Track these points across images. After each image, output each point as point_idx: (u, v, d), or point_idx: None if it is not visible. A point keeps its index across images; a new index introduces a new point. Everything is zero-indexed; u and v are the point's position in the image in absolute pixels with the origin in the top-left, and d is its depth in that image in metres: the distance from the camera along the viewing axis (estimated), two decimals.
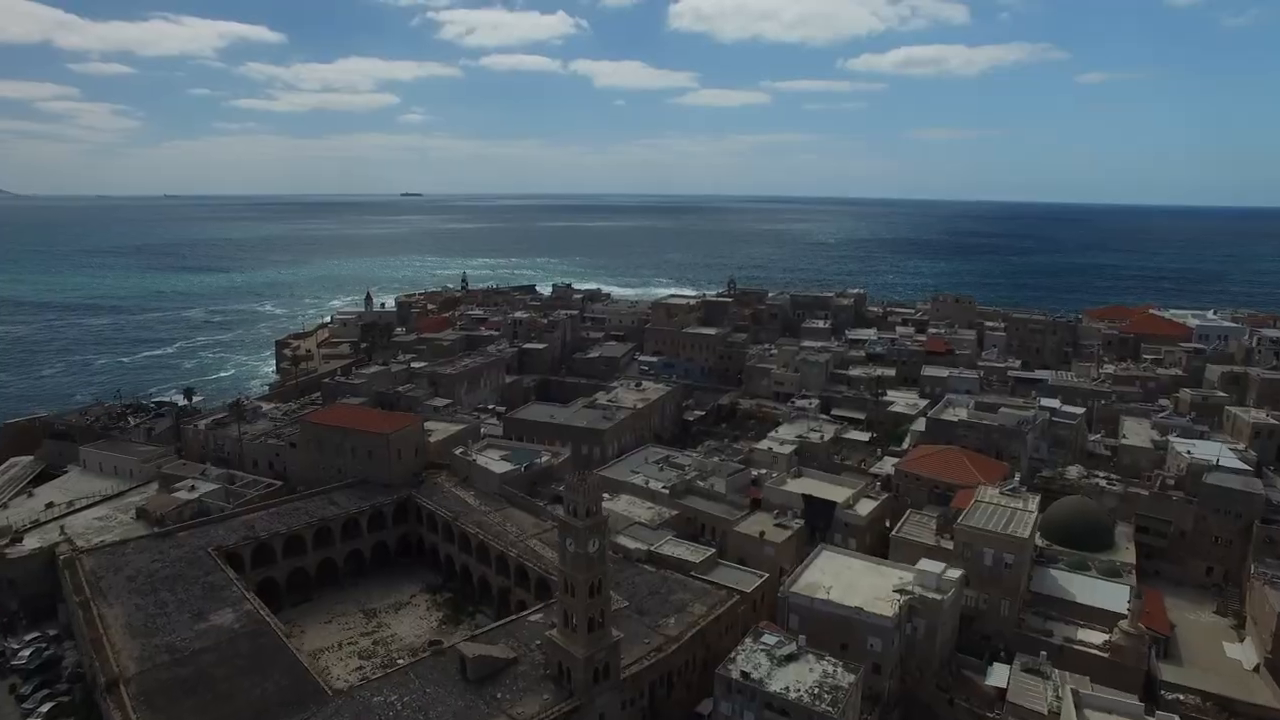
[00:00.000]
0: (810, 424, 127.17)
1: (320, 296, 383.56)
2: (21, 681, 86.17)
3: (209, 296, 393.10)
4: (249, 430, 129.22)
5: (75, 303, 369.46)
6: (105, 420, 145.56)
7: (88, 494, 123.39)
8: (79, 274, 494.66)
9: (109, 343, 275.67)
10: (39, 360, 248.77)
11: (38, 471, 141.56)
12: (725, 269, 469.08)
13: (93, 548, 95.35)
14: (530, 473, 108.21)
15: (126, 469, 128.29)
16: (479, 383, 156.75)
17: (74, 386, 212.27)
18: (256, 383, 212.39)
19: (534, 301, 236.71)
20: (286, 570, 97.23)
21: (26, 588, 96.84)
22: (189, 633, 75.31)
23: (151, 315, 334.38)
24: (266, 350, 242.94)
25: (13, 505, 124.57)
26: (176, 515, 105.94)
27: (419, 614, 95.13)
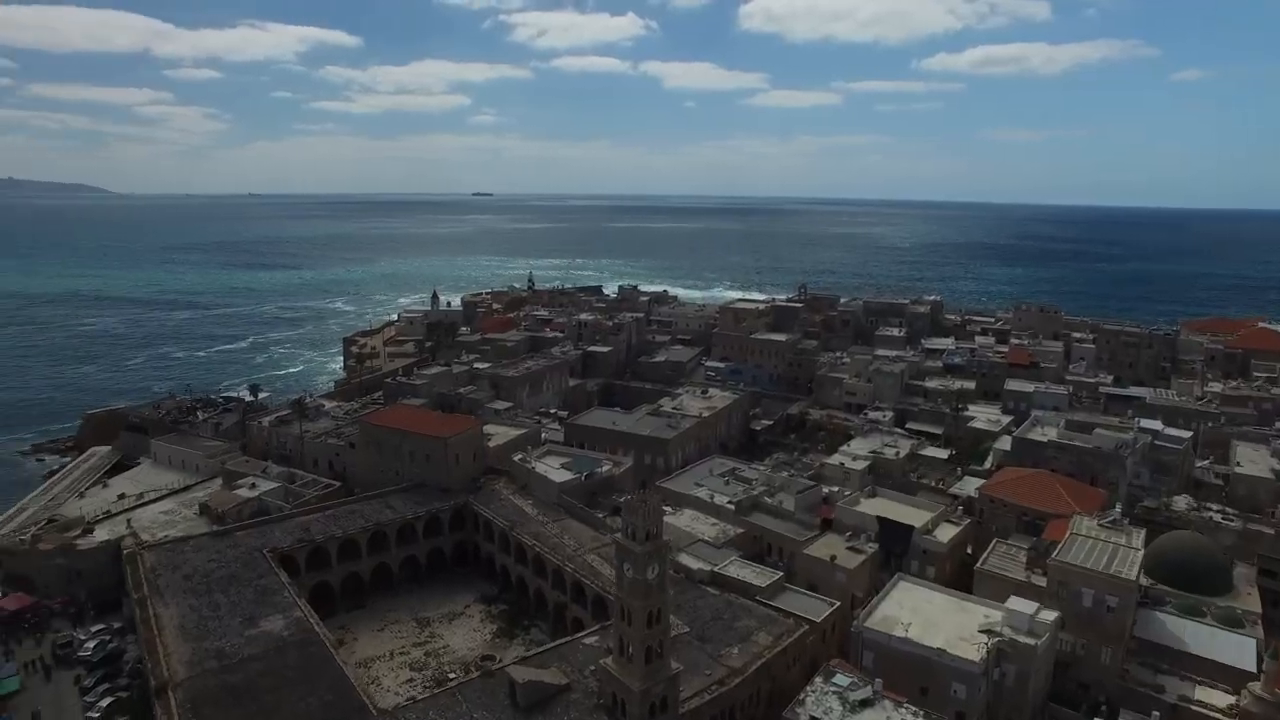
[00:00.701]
0: (884, 438, 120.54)
1: (389, 294, 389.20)
2: (86, 673, 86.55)
3: (282, 293, 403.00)
4: (310, 429, 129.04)
5: (158, 298, 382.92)
6: (176, 414, 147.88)
7: (156, 487, 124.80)
8: (163, 270, 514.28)
9: (187, 337, 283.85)
10: (124, 352, 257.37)
11: (114, 462, 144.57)
12: (794, 273, 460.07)
13: (155, 543, 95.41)
14: (590, 482, 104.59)
15: (193, 464, 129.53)
16: (541, 386, 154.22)
17: (153, 379, 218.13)
18: (324, 379, 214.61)
19: (599, 303, 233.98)
20: (341, 575, 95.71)
21: (94, 579, 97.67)
22: (239, 639, 73.78)
23: (227, 310, 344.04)
24: (335, 347, 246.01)
25: (89, 495, 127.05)
26: (236, 513, 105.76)
27: (472, 625, 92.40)
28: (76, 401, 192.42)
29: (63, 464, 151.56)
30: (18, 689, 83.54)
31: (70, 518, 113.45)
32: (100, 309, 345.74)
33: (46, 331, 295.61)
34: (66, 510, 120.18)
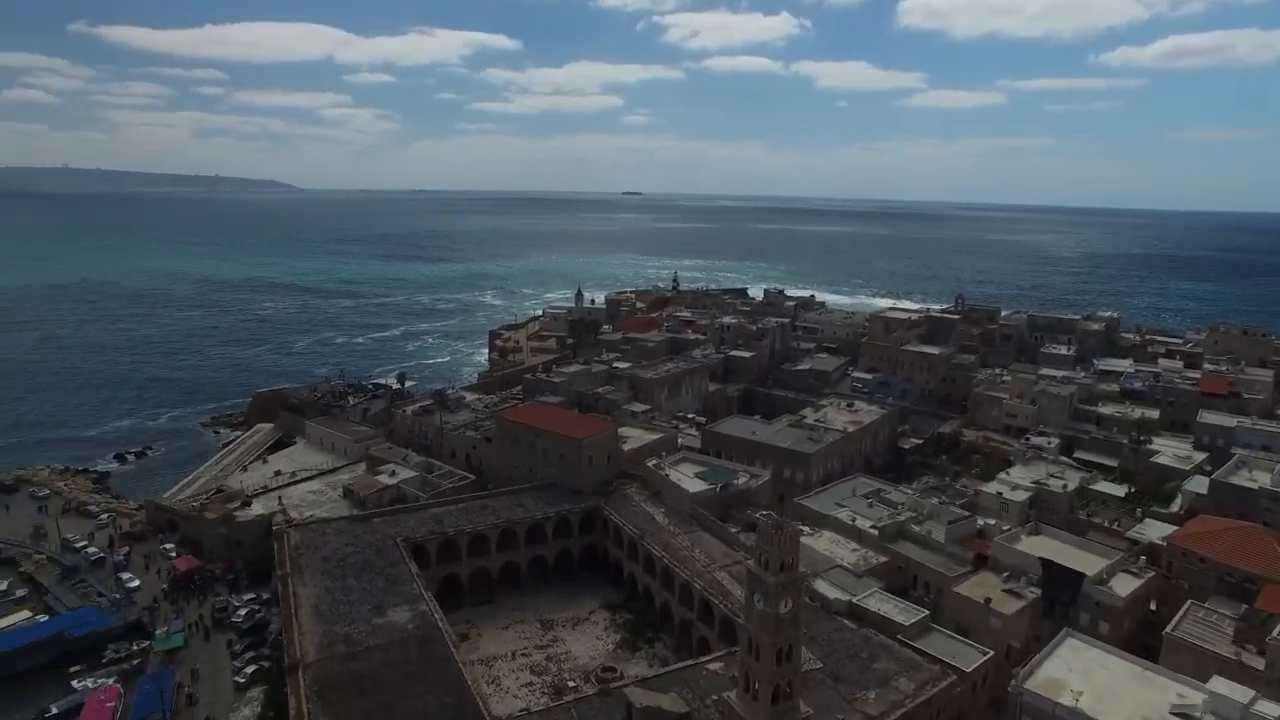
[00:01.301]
0: (1049, 468, 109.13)
1: (536, 289, 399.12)
2: (236, 638, 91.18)
3: (435, 285, 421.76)
4: (450, 420, 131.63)
5: (324, 286, 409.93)
6: (330, 398, 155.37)
7: (307, 467, 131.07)
8: (331, 260, 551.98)
9: (347, 324, 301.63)
10: (291, 336, 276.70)
11: (275, 440, 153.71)
12: (948, 282, 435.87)
13: (301, 522, 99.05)
14: (725, 494, 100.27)
15: (341, 447, 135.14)
16: (680, 389, 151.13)
17: (315, 362, 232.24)
18: (469, 371, 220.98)
19: (744, 306, 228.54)
20: (470, 569, 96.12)
21: (251, 550, 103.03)
22: (366, 626, 74.67)
23: (384, 300, 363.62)
24: (481, 339, 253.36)
25: (251, 469, 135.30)
26: (376, 499, 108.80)
27: (596, 633, 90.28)
28: (248, 380, 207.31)
29: (233, 437, 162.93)
30: (183, 645, 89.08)
31: (233, 490, 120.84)
32: (274, 295, 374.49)
33: (229, 314, 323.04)
34: (231, 482, 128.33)
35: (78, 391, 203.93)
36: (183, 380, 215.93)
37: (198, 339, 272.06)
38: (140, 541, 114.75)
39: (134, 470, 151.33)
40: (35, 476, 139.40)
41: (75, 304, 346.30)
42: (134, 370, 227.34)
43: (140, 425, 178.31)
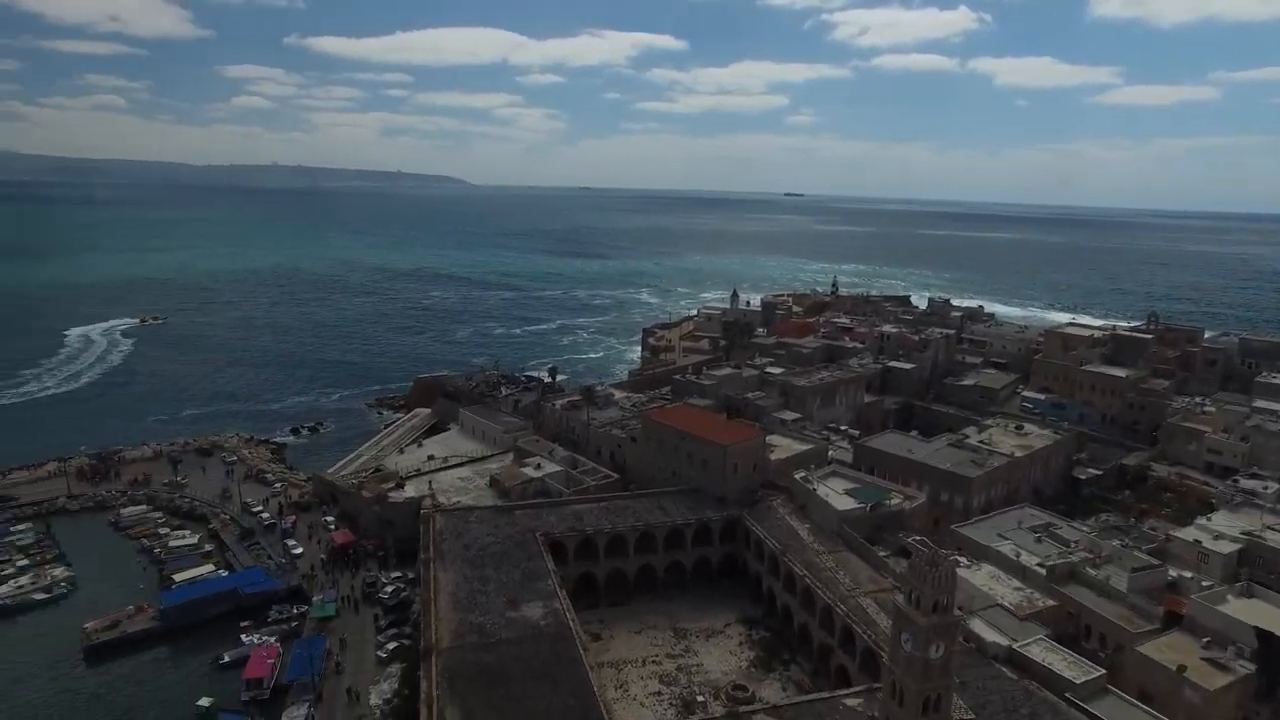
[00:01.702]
0: (1265, 518, 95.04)
1: (692, 289, 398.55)
2: (382, 614, 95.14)
3: (593, 280, 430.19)
4: (597, 417, 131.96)
5: (487, 278, 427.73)
6: (484, 387, 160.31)
7: (458, 454, 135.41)
8: (496, 253, 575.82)
9: (506, 316, 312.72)
10: (453, 325, 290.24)
11: (431, 425, 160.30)
12: (1138, 297, 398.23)
13: (447, 508, 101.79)
14: (876, 515, 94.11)
15: (492, 436, 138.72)
16: (834, 399, 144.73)
17: (473, 352, 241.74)
18: (620, 368, 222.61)
19: (906, 314, 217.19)
20: (607, 569, 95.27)
21: (401, 530, 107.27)
22: (499, 618, 75.03)
23: (543, 294, 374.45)
24: (634, 337, 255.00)
25: (407, 452, 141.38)
26: (520, 491, 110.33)
27: (730, 648, 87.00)
28: (411, 366, 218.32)
29: (394, 420, 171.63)
30: (334, 615, 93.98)
31: (389, 471, 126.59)
32: (440, 285, 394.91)
33: (398, 302, 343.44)
34: (388, 463, 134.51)
35: (265, 368, 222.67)
36: (353, 363, 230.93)
37: (369, 325, 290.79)
38: (306, 512, 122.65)
39: (306, 444, 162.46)
40: (226, 443, 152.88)
41: (268, 287, 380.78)
42: (312, 351, 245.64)
43: (315, 402, 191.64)
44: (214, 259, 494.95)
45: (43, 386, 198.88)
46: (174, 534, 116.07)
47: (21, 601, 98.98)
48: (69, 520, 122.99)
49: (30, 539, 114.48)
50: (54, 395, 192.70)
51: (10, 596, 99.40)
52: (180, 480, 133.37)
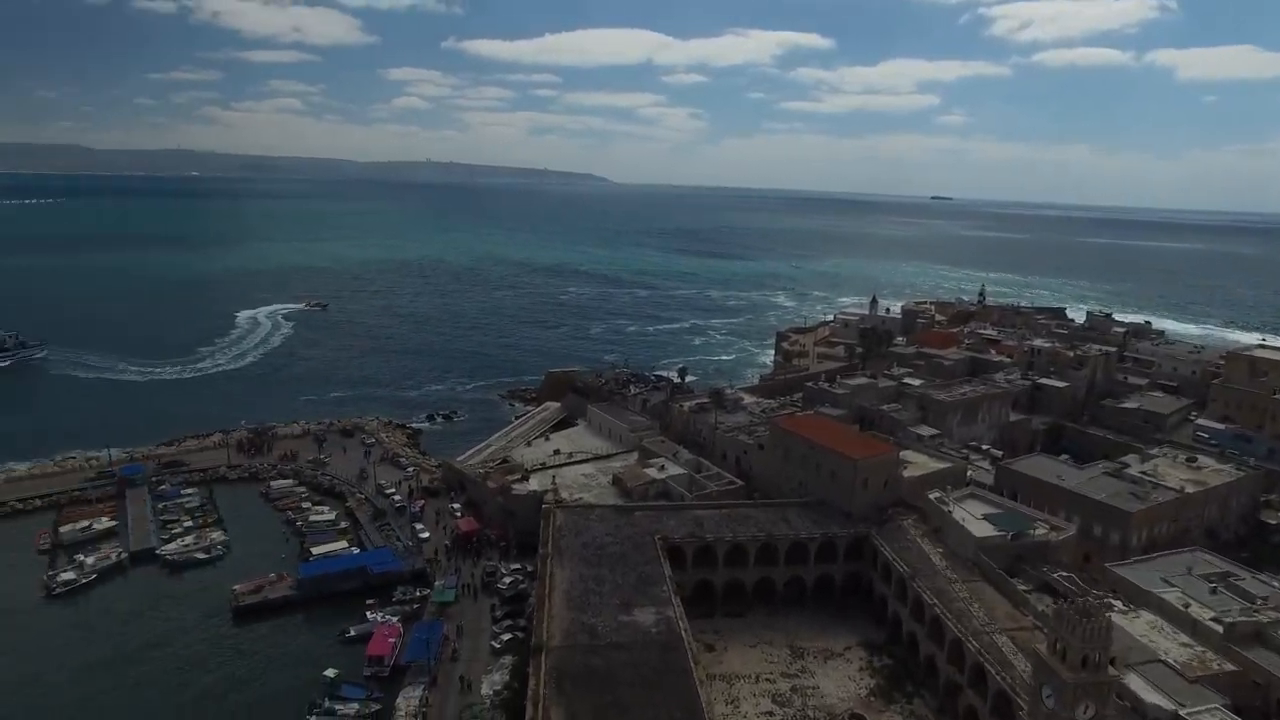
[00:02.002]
0: None
1: (829, 293, 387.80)
2: (499, 604, 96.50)
3: (729, 281, 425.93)
4: (725, 421, 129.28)
5: (623, 275, 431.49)
6: (613, 384, 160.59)
7: (584, 450, 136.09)
8: (634, 251, 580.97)
9: (639, 314, 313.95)
10: (587, 321, 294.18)
11: (559, 419, 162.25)
12: None
13: (569, 504, 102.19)
14: (1018, 544, 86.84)
15: (618, 434, 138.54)
16: (976, 415, 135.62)
17: (605, 348, 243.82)
18: (751, 371, 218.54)
19: (1060, 328, 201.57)
20: (725, 579, 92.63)
21: (523, 522, 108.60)
22: (611, 621, 74.03)
23: (677, 293, 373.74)
24: (767, 340, 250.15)
25: (534, 445, 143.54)
26: (643, 491, 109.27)
27: (849, 673, 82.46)
28: (544, 360, 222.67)
29: (524, 412, 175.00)
30: (453, 601, 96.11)
31: (515, 463, 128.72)
32: (577, 281, 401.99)
33: (536, 296, 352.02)
34: (515, 455, 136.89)
35: (406, 356, 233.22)
36: (489, 354, 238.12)
37: (505, 317, 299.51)
38: (434, 497, 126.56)
39: (440, 431, 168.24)
40: (367, 425, 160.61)
41: (413, 278, 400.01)
42: (451, 342, 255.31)
43: (450, 391, 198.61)
44: (366, 250, 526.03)
45: (215, 364, 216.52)
46: (314, 509, 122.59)
47: (186, 559, 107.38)
48: (228, 488, 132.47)
49: (196, 503, 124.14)
50: (224, 372, 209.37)
51: (177, 554, 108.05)
52: (323, 458, 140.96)
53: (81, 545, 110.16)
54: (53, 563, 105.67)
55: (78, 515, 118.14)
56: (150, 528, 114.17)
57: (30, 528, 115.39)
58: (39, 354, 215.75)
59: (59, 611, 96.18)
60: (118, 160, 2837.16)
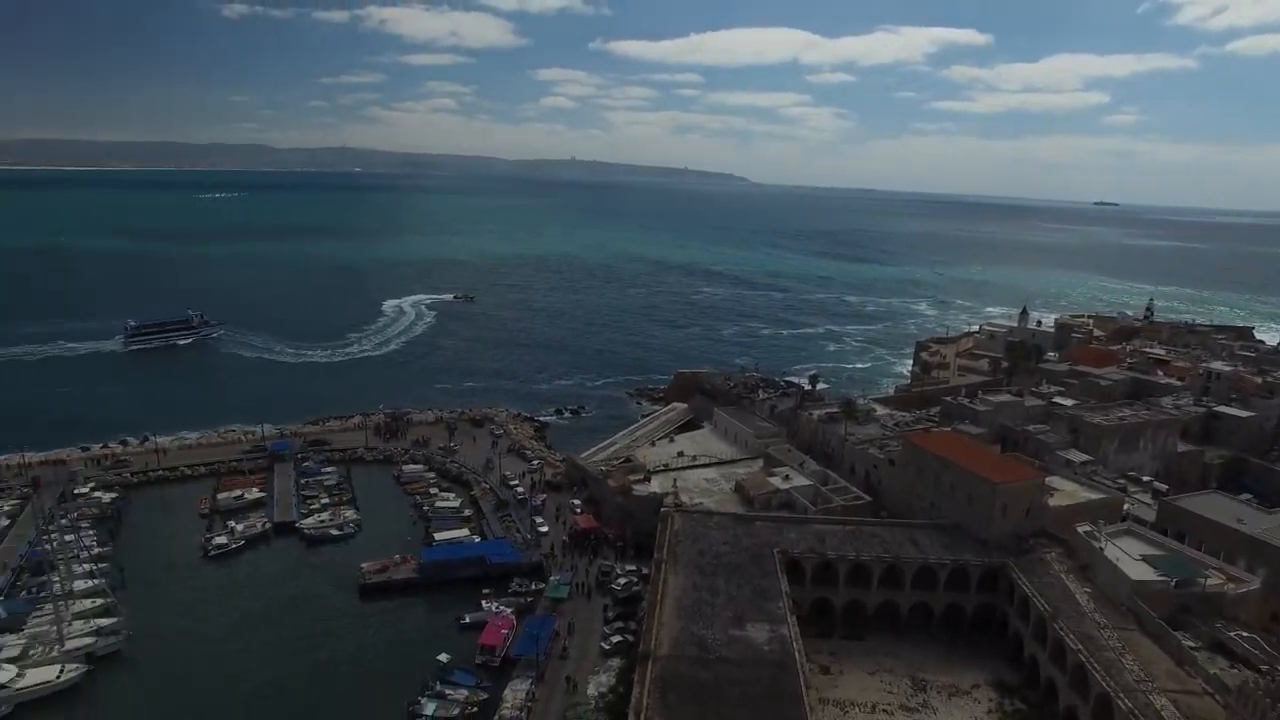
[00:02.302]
0: None
1: (974, 302, 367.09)
2: (611, 605, 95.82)
3: (867, 286, 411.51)
4: (855, 432, 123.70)
5: (758, 278, 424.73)
6: (741, 388, 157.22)
7: (708, 454, 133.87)
8: (770, 252, 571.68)
9: (772, 317, 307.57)
10: (720, 323, 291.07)
11: (685, 420, 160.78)
12: None
13: (688, 508, 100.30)
14: (1183, 593, 77.70)
15: (743, 440, 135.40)
16: (1137, 443, 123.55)
17: (736, 351, 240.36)
18: (887, 382, 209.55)
19: (1245, 350, 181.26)
20: (846, 599, 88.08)
21: (641, 523, 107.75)
22: (722, 635, 71.43)
23: (813, 297, 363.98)
24: (905, 349, 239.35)
25: (658, 445, 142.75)
26: (765, 501, 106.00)
27: (976, 713, 76.13)
28: (673, 360, 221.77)
29: (651, 411, 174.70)
30: (567, 597, 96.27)
31: (637, 463, 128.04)
32: (712, 282, 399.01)
33: (669, 295, 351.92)
34: (639, 455, 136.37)
35: (538, 350, 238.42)
36: (619, 352, 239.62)
37: (637, 316, 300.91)
38: (556, 491, 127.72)
39: (567, 426, 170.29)
40: (496, 416, 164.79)
41: (549, 274, 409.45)
42: (582, 338, 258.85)
43: (580, 386, 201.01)
44: (506, 244, 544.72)
45: (361, 349, 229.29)
46: (441, 495, 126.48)
47: (321, 534, 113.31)
48: (363, 469, 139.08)
49: (334, 481, 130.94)
50: (368, 357, 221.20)
51: (314, 528, 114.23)
52: (453, 446, 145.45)
53: (234, 513, 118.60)
54: (209, 527, 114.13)
55: (233, 485, 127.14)
56: (292, 501, 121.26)
57: (195, 493, 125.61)
58: (217, 332, 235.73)
59: (213, 571, 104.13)
60: (293, 158, 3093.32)
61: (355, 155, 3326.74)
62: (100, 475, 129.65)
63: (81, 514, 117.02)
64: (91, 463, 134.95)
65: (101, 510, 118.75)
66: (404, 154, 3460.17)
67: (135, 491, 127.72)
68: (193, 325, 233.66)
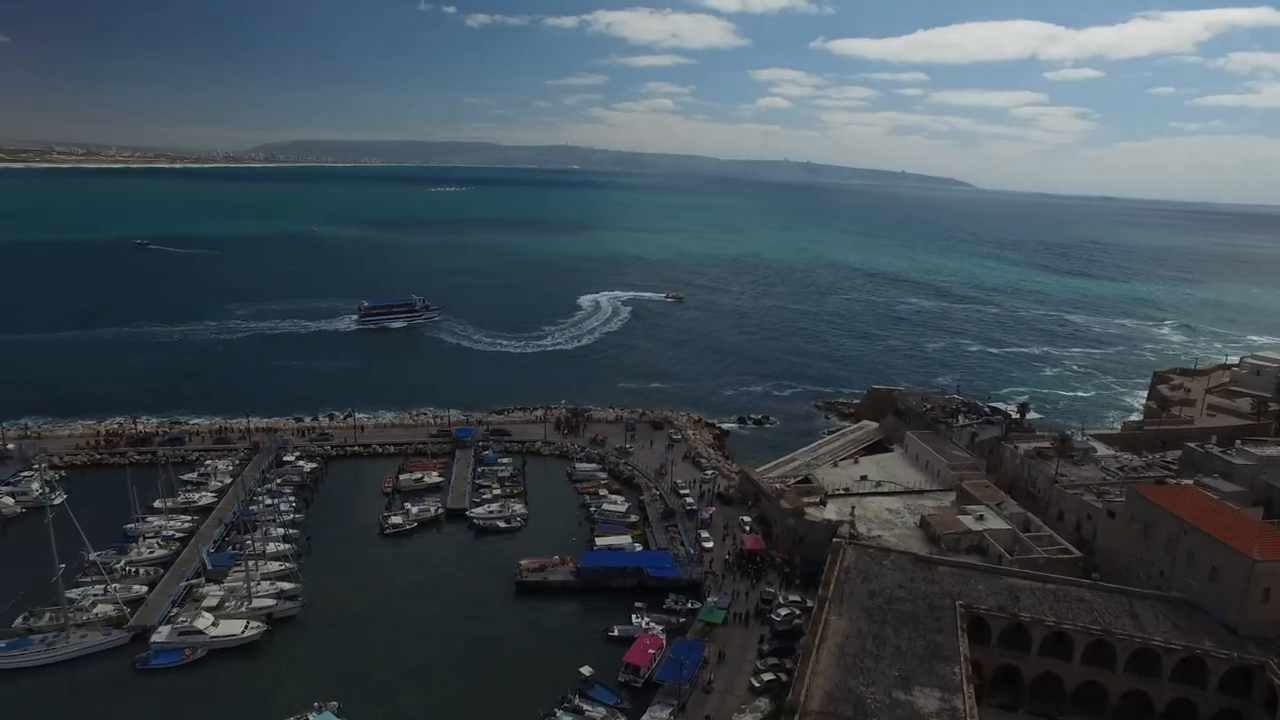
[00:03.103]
0: None
1: (1232, 329, 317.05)
2: (769, 637, 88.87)
3: (1097, 305, 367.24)
4: (1068, 473, 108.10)
5: (970, 291, 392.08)
6: (939, 411, 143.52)
7: (894, 481, 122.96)
8: (986, 263, 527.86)
9: (983, 334, 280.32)
10: (924, 337, 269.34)
11: (874, 441, 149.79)
12: None
13: (864, 542, 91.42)
14: None
15: (935, 469, 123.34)
16: None
17: (939, 368, 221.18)
18: (1113, 416, 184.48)
19: None
20: (1038, 669, 75.61)
21: (812, 551, 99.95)
22: (884, 696, 62.73)
23: (1031, 314, 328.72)
24: (1140, 379, 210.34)
25: (841, 467, 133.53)
26: (953, 542, 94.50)
27: None
28: (867, 374, 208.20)
29: (838, 427, 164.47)
30: (722, 623, 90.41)
31: (815, 484, 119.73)
32: (919, 292, 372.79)
33: (869, 305, 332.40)
34: (820, 474, 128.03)
35: (725, 353, 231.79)
36: (811, 361, 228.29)
37: (834, 323, 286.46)
38: (726, 505, 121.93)
39: (748, 436, 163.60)
40: (676, 420, 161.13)
41: (744, 275, 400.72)
42: (773, 343, 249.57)
43: (766, 394, 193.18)
44: (705, 243, 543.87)
45: (554, 342, 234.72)
46: (610, 497, 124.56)
47: (489, 525, 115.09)
48: (539, 462, 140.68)
49: (509, 472, 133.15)
50: (560, 351, 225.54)
51: (483, 519, 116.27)
52: (628, 448, 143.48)
53: (413, 494, 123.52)
54: (388, 505, 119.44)
55: (415, 467, 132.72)
56: (466, 489, 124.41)
57: (382, 470, 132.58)
58: (436, 317, 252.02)
59: (385, 549, 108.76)
60: (518, 155, 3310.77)
61: (575, 153, 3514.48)
62: (306, 446, 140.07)
63: (285, 480, 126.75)
64: (301, 433, 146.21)
65: (302, 479, 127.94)
66: (619, 152, 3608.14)
67: (333, 463, 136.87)
68: (415, 309, 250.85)
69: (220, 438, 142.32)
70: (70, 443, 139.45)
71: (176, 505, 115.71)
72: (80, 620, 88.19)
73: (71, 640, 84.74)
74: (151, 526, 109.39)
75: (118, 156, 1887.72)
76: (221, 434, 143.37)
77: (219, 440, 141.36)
